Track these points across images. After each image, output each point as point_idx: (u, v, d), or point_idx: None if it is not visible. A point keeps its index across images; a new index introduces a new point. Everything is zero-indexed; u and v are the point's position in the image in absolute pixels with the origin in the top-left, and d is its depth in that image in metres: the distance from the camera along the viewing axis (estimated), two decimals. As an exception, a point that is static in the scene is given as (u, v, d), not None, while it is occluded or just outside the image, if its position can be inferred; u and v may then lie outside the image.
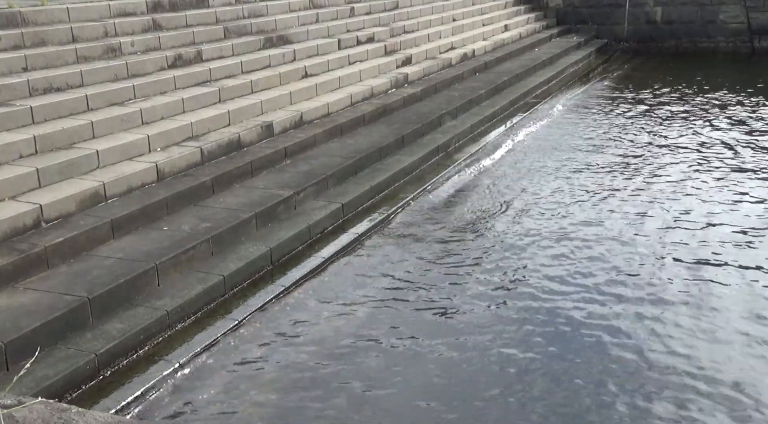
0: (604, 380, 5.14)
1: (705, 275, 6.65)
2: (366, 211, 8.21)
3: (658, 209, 8.23)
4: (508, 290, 6.47)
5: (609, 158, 10.21)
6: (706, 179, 9.23)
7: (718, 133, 11.44)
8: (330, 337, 5.76)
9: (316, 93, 10.64)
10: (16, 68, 7.90)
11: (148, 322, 5.58)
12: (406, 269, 6.90)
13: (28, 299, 5.48)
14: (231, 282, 6.36)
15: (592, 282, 6.55)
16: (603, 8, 20.11)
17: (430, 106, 11.70)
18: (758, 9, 18.78)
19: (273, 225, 7.33)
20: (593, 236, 7.52)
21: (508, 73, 14.48)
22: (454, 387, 5.14)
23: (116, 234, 6.55)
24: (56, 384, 4.83)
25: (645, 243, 7.34)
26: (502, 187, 9.13)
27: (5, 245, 5.92)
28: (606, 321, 5.90)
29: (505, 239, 7.53)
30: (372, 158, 9.25)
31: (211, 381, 5.20)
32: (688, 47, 19.36)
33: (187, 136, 8.33)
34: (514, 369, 5.30)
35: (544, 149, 10.70)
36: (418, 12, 15.59)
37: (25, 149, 6.92)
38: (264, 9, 11.91)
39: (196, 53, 9.90)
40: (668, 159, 10.12)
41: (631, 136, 11.36)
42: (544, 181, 9.25)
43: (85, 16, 9.29)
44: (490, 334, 5.74)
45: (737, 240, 7.38)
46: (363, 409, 4.94)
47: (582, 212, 8.20)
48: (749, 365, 5.30)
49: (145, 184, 7.36)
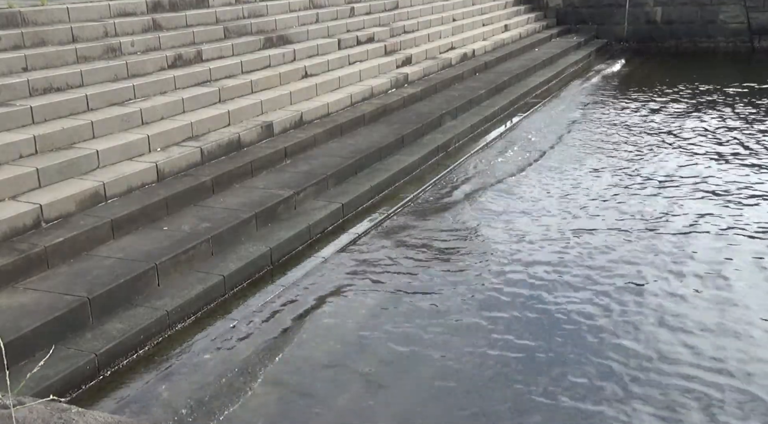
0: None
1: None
2: (366, 211, 8.21)
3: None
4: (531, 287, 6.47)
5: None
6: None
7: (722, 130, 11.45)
8: (331, 336, 5.76)
9: (316, 93, 10.64)
10: (16, 68, 7.90)
11: (148, 322, 5.58)
12: (406, 269, 6.90)
13: (28, 299, 5.48)
14: (231, 282, 6.36)
15: (599, 288, 6.56)
16: (603, 8, 20.12)
17: (430, 106, 11.70)
18: (758, 9, 18.79)
19: (273, 225, 7.33)
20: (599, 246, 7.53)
21: (508, 73, 14.48)
22: (458, 388, 5.14)
23: (116, 234, 6.55)
24: (56, 384, 4.83)
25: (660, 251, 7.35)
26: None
27: (5, 245, 5.92)
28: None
29: (506, 238, 7.54)
30: (372, 158, 9.25)
31: (211, 381, 5.20)
32: (688, 47, 19.37)
33: (187, 136, 8.33)
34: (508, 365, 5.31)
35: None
36: (418, 12, 15.59)
37: (25, 149, 6.92)
38: (264, 9, 11.91)
39: (196, 53, 9.90)
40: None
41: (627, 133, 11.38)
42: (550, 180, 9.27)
43: (85, 16, 9.30)
44: (496, 340, 5.75)
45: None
46: (365, 408, 4.94)
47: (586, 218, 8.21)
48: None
49: (145, 184, 7.36)
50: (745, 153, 10.36)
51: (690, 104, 13.53)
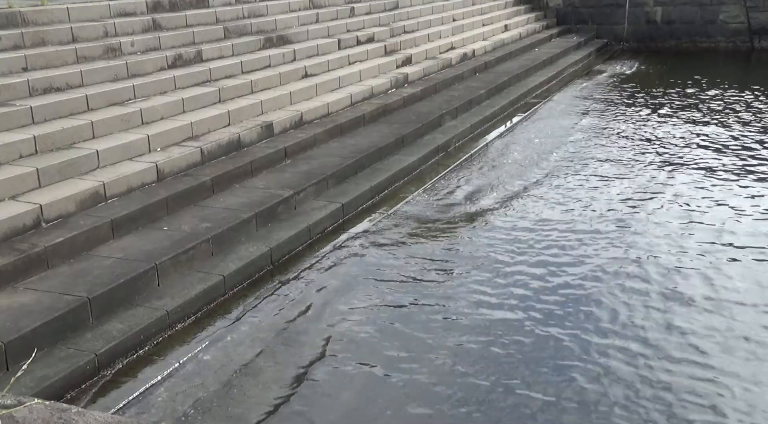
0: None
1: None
2: (366, 211, 8.21)
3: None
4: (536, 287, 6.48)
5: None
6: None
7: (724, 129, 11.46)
8: (331, 336, 5.77)
9: (316, 93, 10.65)
10: (16, 68, 7.91)
11: (148, 322, 5.58)
12: (406, 269, 6.90)
13: (28, 299, 5.48)
14: (231, 282, 6.36)
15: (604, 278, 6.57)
16: (603, 8, 20.12)
17: (430, 106, 11.71)
18: (758, 9, 18.79)
19: (273, 225, 7.33)
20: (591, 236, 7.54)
21: (508, 73, 14.49)
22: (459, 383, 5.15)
23: (116, 234, 6.55)
24: (56, 384, 4.83)
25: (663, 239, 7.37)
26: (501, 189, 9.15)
27: (5, 245, 5.92)
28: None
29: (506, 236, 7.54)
30: (372, 158, 9.25)
31: (212, 381, 5.20)
32: (688, 47, 19.36)
33: (187, 136, 8.33)
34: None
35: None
36: (418, 12, 15.59)
37: (25, 149, 6.92)
38: (264, 9, 11.91)
39: (196, 53, 9.90)
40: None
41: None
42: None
43: (85, 16, 9.30)
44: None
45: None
46: (366, 407, 4.95)
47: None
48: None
49: (145, 184, 7.37)
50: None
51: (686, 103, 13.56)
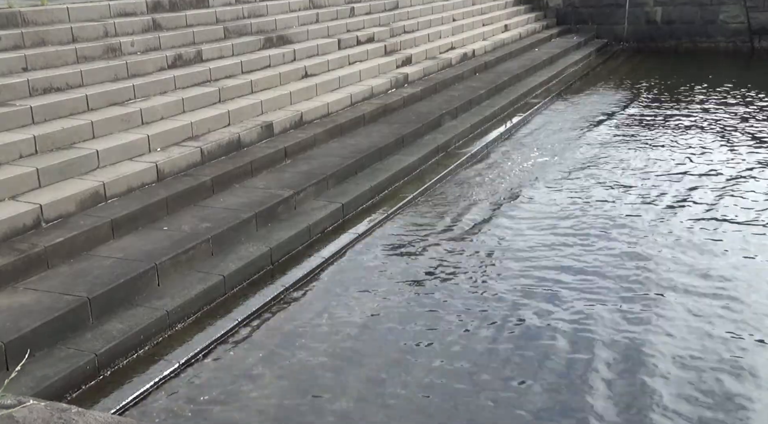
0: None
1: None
2: (366, 211, 8.21)
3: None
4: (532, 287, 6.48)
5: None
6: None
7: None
8: (331, 335, 5.76)
9: (316, 93, 10.64)
10: (16, 68, 7.90)
11: (148, 322, 5.58)
12: (407, 270, 6.90)
13: (28, 299, 5.48)
14: (231, 282, 6.36)
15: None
16: (603, 8, 20.12)
17: (430, 106, 11.70)
18: (758, 9, 18.78)
19: (273, 225, 7.33)
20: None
21: (508, 73, 14.48)
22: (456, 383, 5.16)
23: (116, 234, 6.55)
24: (56, 384, 4.83)
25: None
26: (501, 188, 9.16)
27: (5, 245, 5.92)
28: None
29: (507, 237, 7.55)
30: (372, 158, 9.25)
31: (212, 381, 5.20)
32: (689, 47, 19.35)
33: (187, 136, 8.33)
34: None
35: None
36: (418, 12, 15.59)
37: (25, 149, 6.92)
38: (264, 9, 11.91)
39: (196, 53, 9.90)
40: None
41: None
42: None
43: (85, 16, 9.30)
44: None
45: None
46: (368, 407, 4.95)
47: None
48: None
49: (145, 184, 7.36)
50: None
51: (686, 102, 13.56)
